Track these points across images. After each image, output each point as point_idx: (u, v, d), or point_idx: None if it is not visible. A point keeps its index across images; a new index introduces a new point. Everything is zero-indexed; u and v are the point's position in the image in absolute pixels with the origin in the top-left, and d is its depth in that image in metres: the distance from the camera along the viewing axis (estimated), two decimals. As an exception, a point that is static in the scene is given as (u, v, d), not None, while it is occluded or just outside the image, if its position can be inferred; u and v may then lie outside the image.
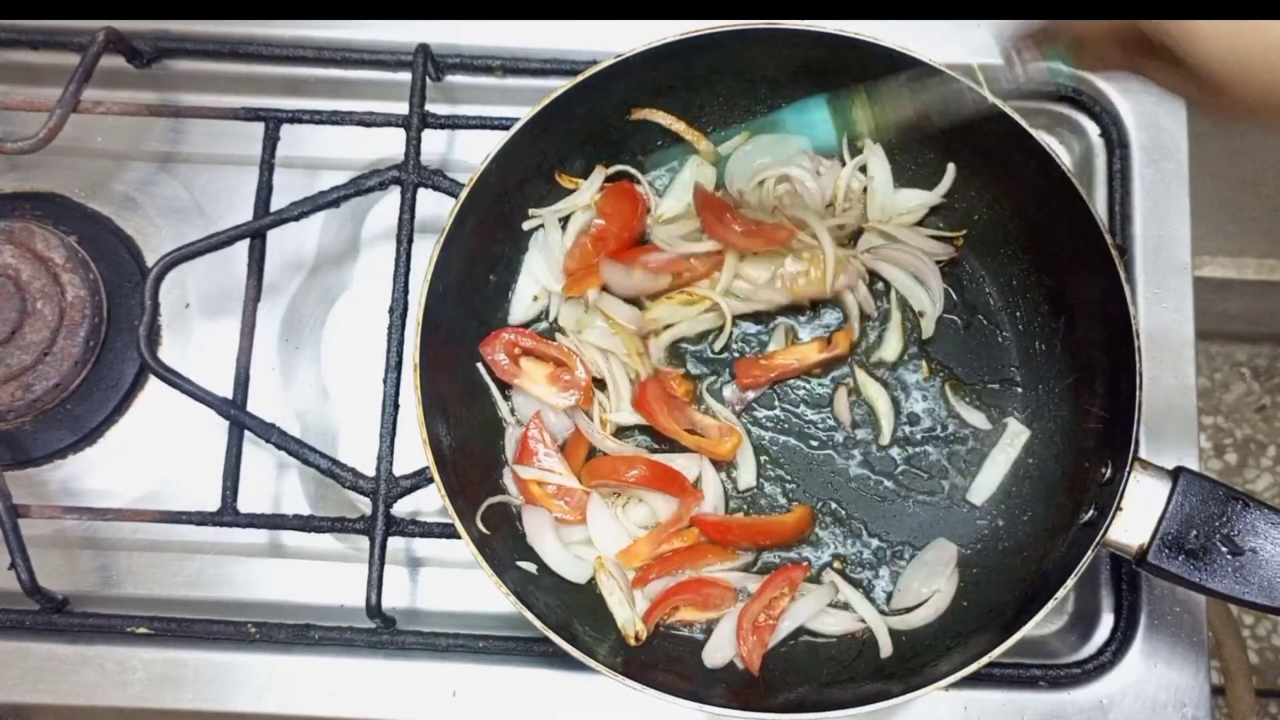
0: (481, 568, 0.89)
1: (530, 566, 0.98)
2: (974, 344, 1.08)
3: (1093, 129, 1.15)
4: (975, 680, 1.00)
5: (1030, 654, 1.03)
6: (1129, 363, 0.90)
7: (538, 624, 0.88)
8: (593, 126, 1.06)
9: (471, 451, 1.01)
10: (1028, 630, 0.87)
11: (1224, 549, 0.85)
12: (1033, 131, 0.96)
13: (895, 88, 0.91)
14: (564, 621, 0.92)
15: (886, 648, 0.98)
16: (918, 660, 0.96)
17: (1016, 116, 0.96)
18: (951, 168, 1.07)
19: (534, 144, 1.01)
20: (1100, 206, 1.11)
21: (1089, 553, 0.87)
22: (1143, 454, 1.03)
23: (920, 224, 1.10)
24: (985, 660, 0.87)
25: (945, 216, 1.10)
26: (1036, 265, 1.05)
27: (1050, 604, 0.87)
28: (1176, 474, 0.88)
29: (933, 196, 1.08)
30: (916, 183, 1.10)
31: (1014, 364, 1.07)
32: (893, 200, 1.09)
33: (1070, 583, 0.87)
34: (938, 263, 1.08)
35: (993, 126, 0.97)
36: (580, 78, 0.98)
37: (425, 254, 0.96)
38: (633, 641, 0.96)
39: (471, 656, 1.01)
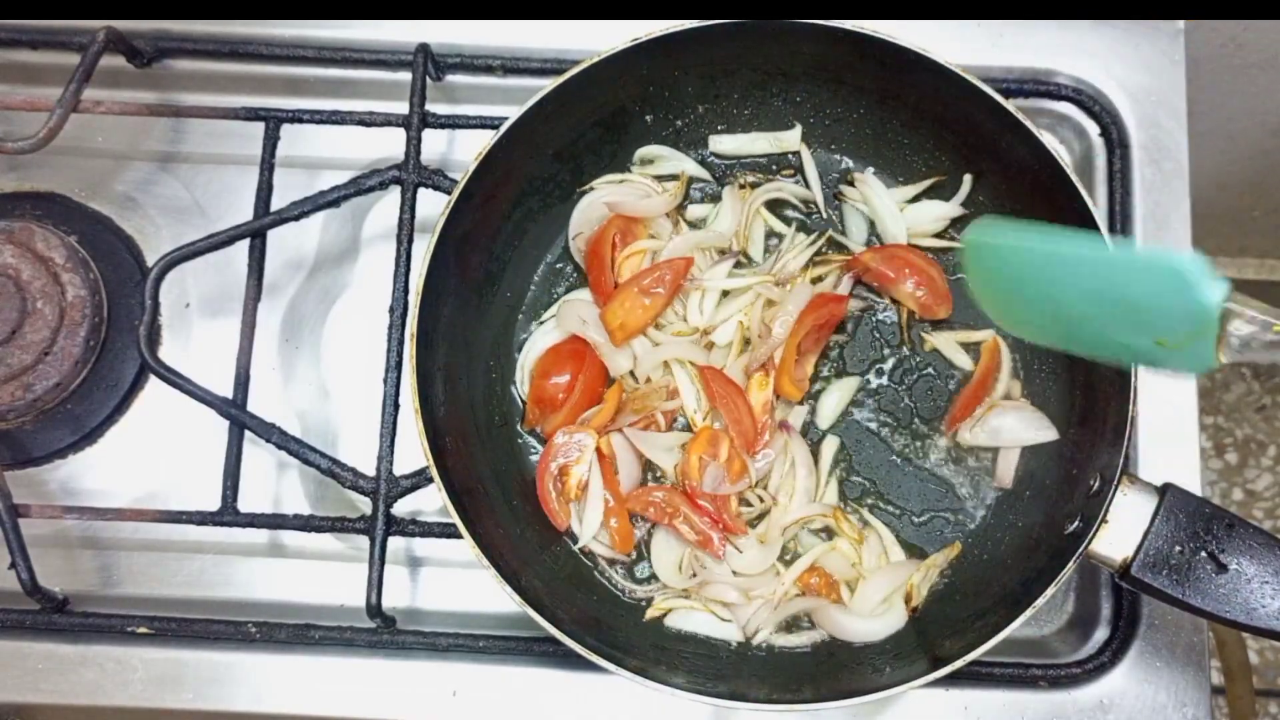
0: (485, 568, 0.89)
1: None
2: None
3: (1093, 129, 1.15)
4: (975, 680, 1.00)
5: (1030, 654, 1.03)
6: (1124, 376, 0.90)
7: (547, 626, 0.88)
8: (605, 109, 1.06)
9: (472, 450, 1.01)
10: (1005, 635, 0.87)
11: (1208, 566, 0.85)
12: (1036, 131, 0.96)
13: None
14: (573, 623, 0.92)
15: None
16: (897, 660, 0.96)
17: (1020, 116, 0.96)
18: (968, 179, 1.07)
19: (545, 125, 1.01)
20: (1101, 206, 1.11)
21: (1071, 563, 0.87)
22: (1142, 455, 1.04)
23: (939, 235, 1.10)
24: (961, 663, 0.87)
25: (959, 227, 1.10)
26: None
27: (1028, 612, 0.87)
28: (1164, 490, 0.88)
29: (951, 208, 1.08)
30: (931, 193, 1.10)
31: (1013, 371, 1.07)
32: (899, 223, 1.08)
33: (1049, 592, 0.87)
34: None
35: (1003, 130, 0.97)
36: (596, 59, 0.98)
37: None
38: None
39: (471, 656, 1.01)
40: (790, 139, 1.11)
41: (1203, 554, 0.86)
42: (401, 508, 1.01)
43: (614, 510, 1.01)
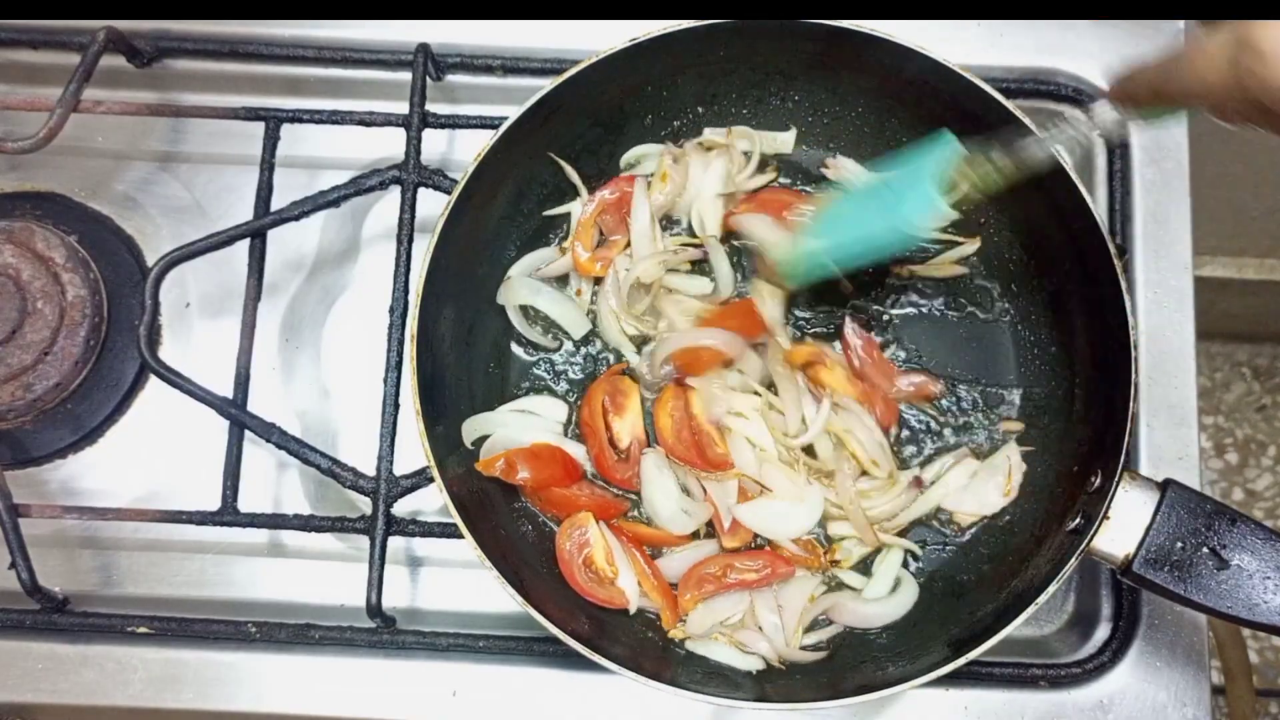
0: (486, 568, 0.89)
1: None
2: (974, 347, 1.08)
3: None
4: (975, 680, 1.00)
5: (1030, 654, 1.03)
6: (1125, 372, 0.90)
7: (548, 626, 0.88)
8: (603, 109, 1.06)
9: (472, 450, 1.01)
10: (1006, 634, 0.87)
11: (1209, 562, 0.85)
12: (1037, 130, 0.95)
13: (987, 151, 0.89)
14: (576, 624, 0.92)
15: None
16: (899, 659, 0.96)
17: (1021, 115, 0.95)
18: None
19: (544, 125, 1.01)
20: (1100, 206, 1.11)
21: (1072, 560, 0.87)
22: (1142, 455, 1.04)
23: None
24: (962, 661, 0.87)
25: (957, 223, 1.09)
26: (1038, 270, 1.05)
27: (1030, 609, 0.87)
28: (1165, 485, 0.88)
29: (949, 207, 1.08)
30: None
31: (1012, 368, 1.07)
32: None
33: (1051, 589, 0.87)
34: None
35: (1004, 129, 0.97)
36: (595, 59, 0.98)
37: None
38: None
39: (471, 656, 1.01)
40: (785, 141, 1.11)
41: (1204, 550, 0.86)
42: (401, 508, 1.01)
43: (648, 583, 0.99)
